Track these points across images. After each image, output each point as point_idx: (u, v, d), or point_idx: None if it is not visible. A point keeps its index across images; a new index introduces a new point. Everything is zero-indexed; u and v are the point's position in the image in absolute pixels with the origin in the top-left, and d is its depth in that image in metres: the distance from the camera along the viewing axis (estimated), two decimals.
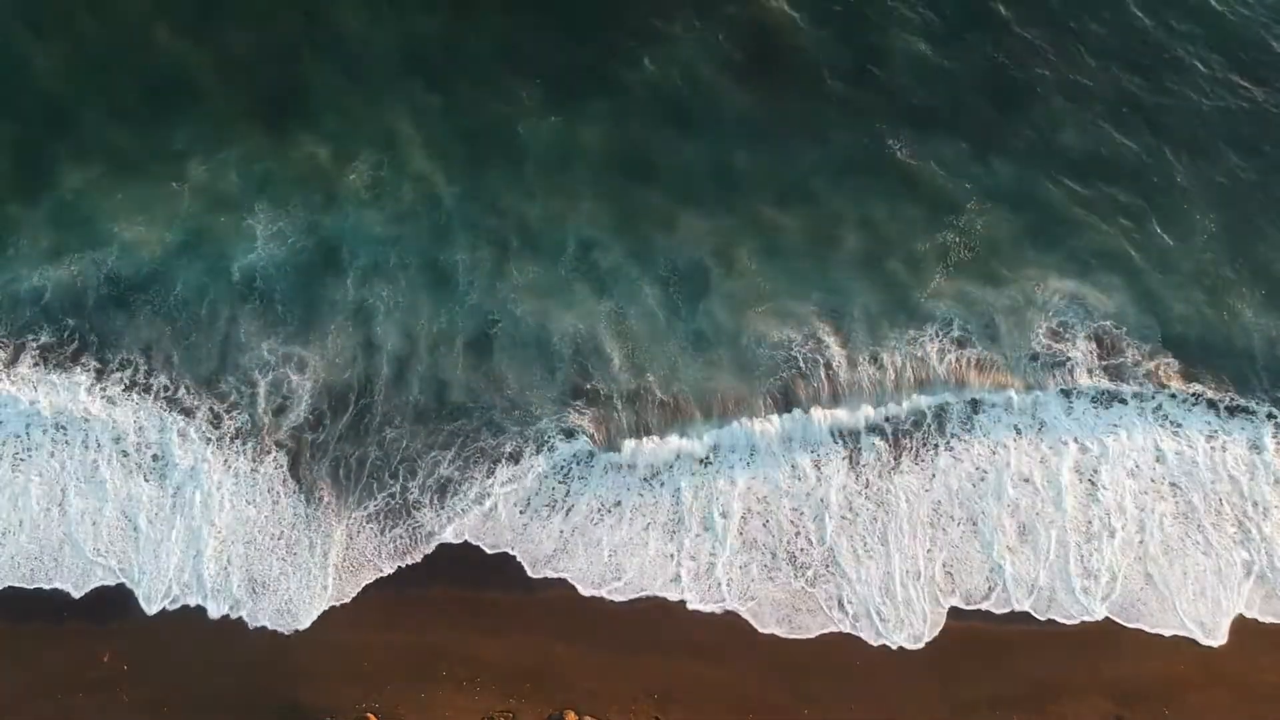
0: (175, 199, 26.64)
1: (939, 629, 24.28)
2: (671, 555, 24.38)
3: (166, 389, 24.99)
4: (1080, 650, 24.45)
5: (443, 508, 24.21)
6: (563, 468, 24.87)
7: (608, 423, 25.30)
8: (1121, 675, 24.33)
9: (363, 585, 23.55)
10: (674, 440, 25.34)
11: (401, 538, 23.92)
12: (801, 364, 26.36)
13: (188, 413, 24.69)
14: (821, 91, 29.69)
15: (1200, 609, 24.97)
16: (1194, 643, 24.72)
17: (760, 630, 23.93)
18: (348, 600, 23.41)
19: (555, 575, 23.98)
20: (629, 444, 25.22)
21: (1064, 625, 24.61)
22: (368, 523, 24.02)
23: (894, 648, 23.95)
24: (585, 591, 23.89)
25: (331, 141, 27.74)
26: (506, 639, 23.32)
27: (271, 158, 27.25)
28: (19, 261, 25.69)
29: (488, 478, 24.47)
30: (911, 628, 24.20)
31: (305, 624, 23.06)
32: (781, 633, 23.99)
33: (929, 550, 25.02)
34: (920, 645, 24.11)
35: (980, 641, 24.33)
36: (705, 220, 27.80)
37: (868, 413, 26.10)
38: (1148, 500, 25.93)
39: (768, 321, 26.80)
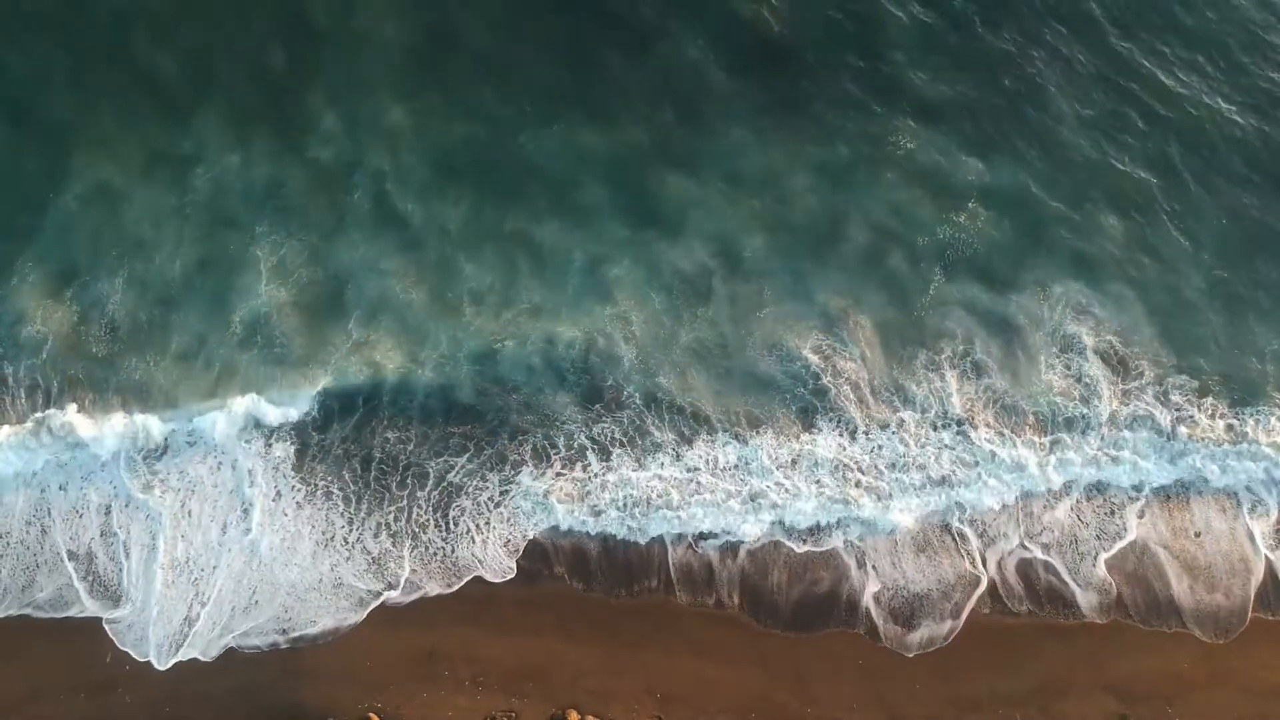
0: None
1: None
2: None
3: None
4: (1083, 648, 24.43)
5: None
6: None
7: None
8: (1125, 673, 24.32)
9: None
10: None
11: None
12: (813, 380, 26.32)
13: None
14: (825, 89, 29.84)
15: None
16: (1197, 641, 24.73)
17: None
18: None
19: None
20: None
21: (1066, 623, 24.63)
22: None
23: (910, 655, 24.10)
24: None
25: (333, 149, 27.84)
26: (509, 638, 23.27)
27: (274, 168, 27.23)
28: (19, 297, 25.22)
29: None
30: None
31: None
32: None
33: None
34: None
35: (983, 640, 24.31)
36: (707, 222, 27.88)
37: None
38: None
39: (773, 329, 26.78)
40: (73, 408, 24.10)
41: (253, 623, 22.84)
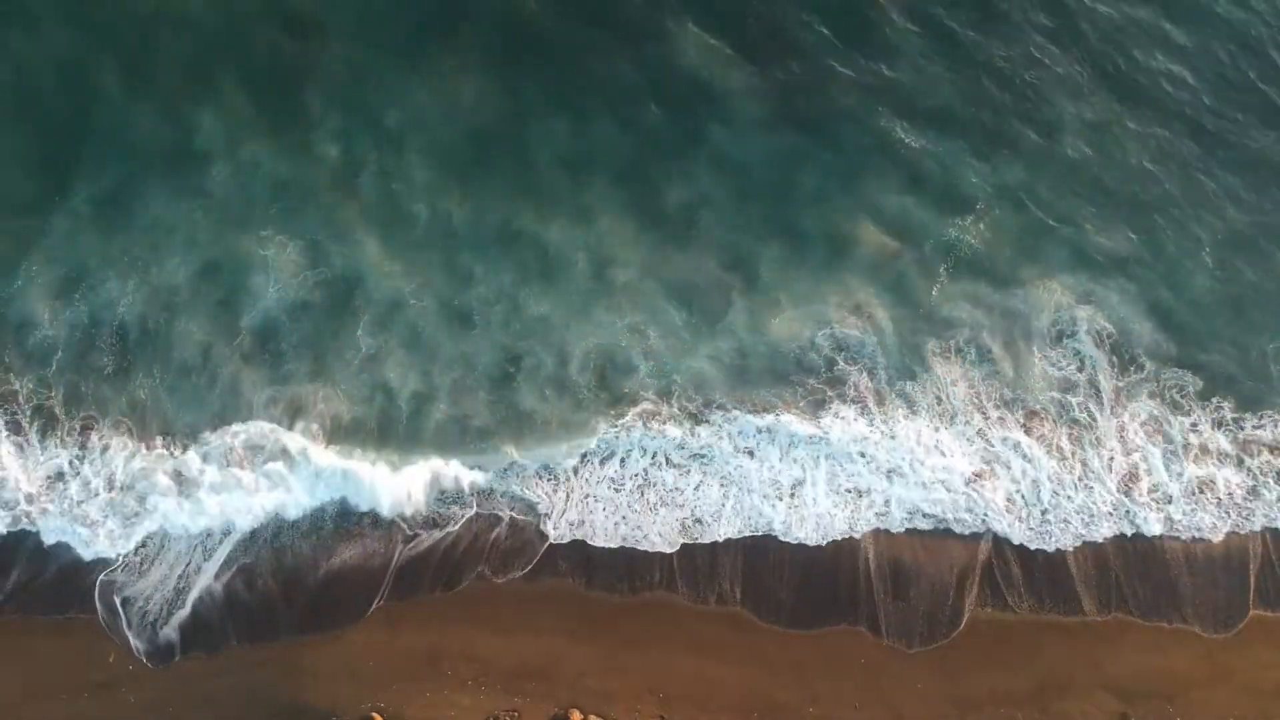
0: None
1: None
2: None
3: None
4: (1084, 647, 24.51)
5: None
6: None
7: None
8: (1125, 672, 24.40)
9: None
10: None
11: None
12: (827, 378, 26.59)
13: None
14: (829, 91, 30.04)
15: None
16: (1198, 639, 24.82)
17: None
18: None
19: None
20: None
21: (1067, 620, 24.73)
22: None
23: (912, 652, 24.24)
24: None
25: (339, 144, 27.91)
26: (511, 638, 23.33)
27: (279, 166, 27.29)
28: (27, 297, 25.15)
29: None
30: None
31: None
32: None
33: None
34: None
35: (984, 639, 24.38)
36: (717, 225, 28.06)
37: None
38: None
39: (787, 332, 26.98)
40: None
41: None
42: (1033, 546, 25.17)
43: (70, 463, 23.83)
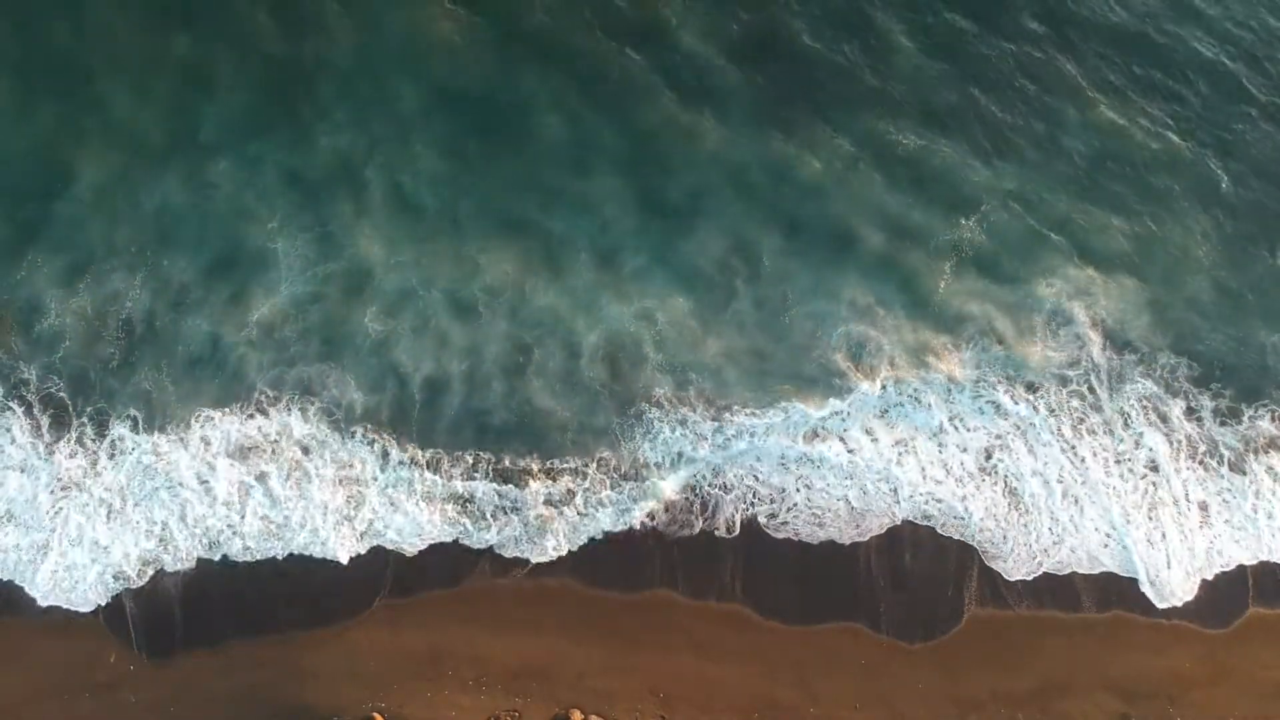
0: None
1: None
2: None
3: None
4: (1085, 647, 24.52)
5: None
6: None
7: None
8: (1126, 672, 24.40)
9: None
10: None
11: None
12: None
13: None
14: (828, 88, 30.25)
15: None
16: (1198, 638, 24.80)
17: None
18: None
19: None
20: None
21: (1067, 617, 24.73)
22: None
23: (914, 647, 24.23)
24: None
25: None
26: (512, 639, 23.35)
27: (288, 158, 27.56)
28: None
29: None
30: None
31: None
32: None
33: None
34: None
35: (985, 638, 24.39)
36: (721, 223, 28.25)
37: None
38: None
39: (796, 336, 27.08)
40: None
41: None
42: (1031, 578, 25.07)
43: (89, 471, 23.86)
